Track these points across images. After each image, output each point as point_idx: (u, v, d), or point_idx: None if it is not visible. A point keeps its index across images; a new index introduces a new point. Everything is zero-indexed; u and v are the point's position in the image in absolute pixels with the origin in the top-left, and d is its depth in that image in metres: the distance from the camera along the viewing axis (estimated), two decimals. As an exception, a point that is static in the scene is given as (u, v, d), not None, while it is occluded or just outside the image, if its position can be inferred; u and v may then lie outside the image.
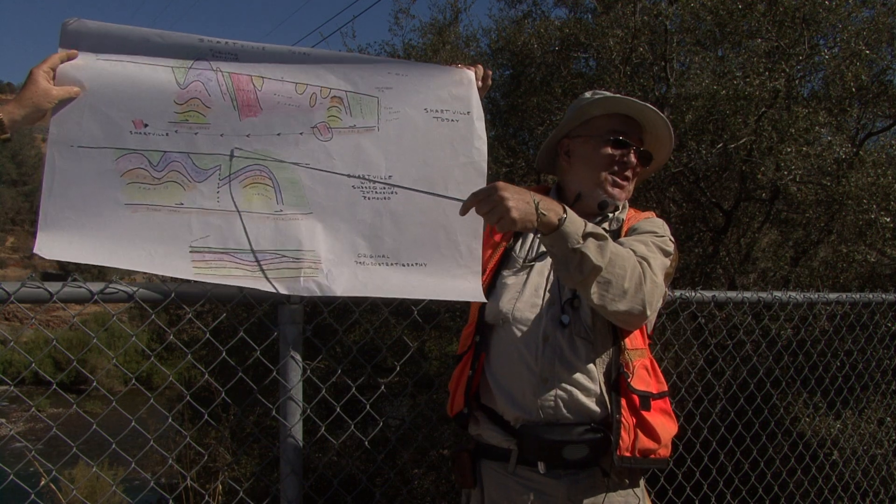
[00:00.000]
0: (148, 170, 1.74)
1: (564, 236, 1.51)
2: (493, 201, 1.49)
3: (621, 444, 1.66)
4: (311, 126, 1.88)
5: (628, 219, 1.88)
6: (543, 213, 1.49)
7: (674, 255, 1.81)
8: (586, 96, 1.94)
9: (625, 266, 1.58)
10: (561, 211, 1.52)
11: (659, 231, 1.80)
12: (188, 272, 1.75)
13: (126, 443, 1.99)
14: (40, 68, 1.62)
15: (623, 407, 1.68)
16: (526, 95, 6.44)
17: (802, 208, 5.82)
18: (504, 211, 1.47)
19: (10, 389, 2.10)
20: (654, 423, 1.70)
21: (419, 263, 1.97)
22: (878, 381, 3.65)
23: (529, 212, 1.48)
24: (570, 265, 1.53)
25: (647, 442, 1.69)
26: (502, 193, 1.48)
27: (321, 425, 2.10)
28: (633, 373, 1.71)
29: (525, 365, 1.73)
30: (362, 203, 1.92)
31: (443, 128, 1.98)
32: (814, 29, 5.67)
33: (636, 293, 1.59)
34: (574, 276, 1.55)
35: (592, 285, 1.55)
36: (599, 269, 1.53)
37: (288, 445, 1.96)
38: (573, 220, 1.53)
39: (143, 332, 4.61)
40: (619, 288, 1.57)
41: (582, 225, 1.54)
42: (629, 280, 1.58)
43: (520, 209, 1.48)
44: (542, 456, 1.71)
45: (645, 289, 1.60)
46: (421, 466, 6.51)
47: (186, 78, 1.76)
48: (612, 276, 1.56)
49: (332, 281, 1.85)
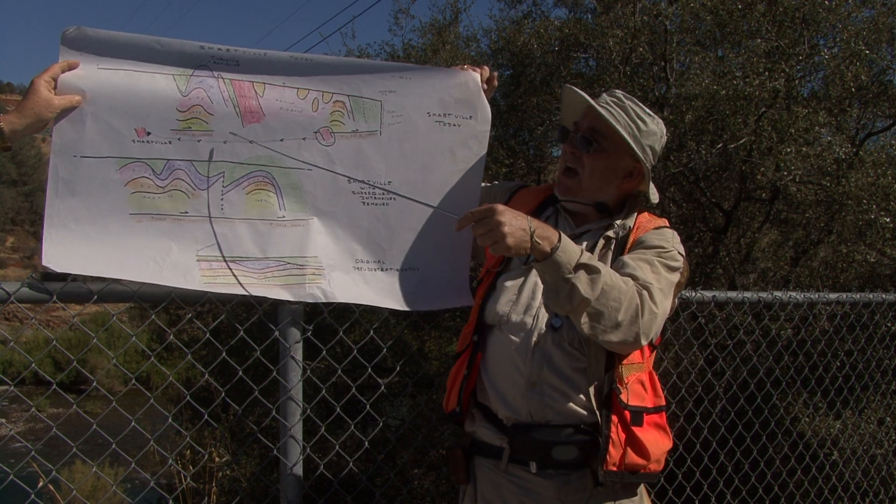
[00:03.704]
0: (152, 178, 1.73)
1: (556, 265, 1.51)
2: (489, 225, 1.49)
3: (608, 459, 1.65)
4: (314, 131, 1.88)
5: (637, 227, 1.81)
6: (538, 242, 1.50)
7: (684, 267, 1.76)
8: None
9: (620, 298, 1.54)
10: (555, 240, 1.52)
11: (666, 246, 1.74)
12: (197, 283, 1.75)
13: (126, 443, 1.99)
14: (41, 78, 1.61)
15: (613, 423, 1.66)
16: (526, 96, 6.43)
17: (802, 208, 5.82)
18: (500, 236, 1.48)
19: (10, 389, 2.10)
20: (644, 440, 1.68)
21: (413, 268, 1.98)
22: (878, 381, 3.66)
23: (524, 239, 1.49)
24: (559, 294, 1.53)
25: (636, 458, 1.67)
26: (499, 218, 1.48)
27: (321, 425, 2.11)
28: (627, 388, 1.68)
29: (515, 367, 1.73)
30: (361, 209, 1.93)
31: (445, 133, 1.98)
32: (813, 29, 5.67)
33: (630, 325, 1.56)
34: (563, 305, 1.54)
35: (583, 315, 1.54)
36: (588, 302, 1.52)
37: (288, 445, 1.96)
38: (566, 249, 1.52)
39: (143, 332, 4.61)
40: (611, 320, 1.54)
41: (576, 255, 1.53)
42: (624, 312, 1.55)
43: (515, 236, 1.48)
44: (532, 455, 1.71)
45: (641, 321, 1.57)
46: (421, 466, 6.51)
47: (188, 85, 1.75)
48: (605, 308, 1.53)
49: (335, 287, 1.87)
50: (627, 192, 1.87)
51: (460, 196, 2.00)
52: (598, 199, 1.83)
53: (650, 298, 1.60)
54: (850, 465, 3.73)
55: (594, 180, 1.80)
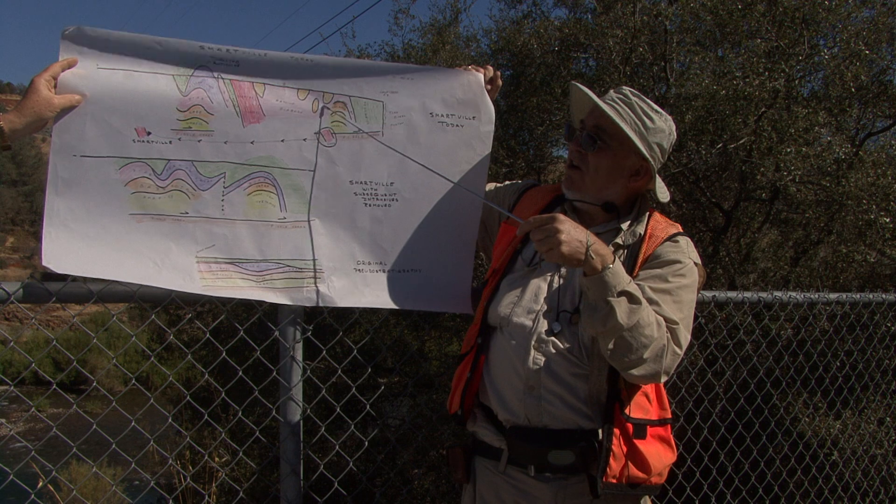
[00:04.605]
0: (152, 178, 1.73)
1: (603, 285, 1.52)
2: (548, 231, 1.51)
3: (608, 472, 1.63)
4: (315, 132, 1.87)
5: (650, 235, 1.76)
6: (592, 256, 1.51)
7: (700, 272, 1.76)
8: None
9: (651, 336, 1.55)
10: (609, 260, 1.53)
11: (682, 259, 1.71)
12: (196, 286, 1.75)
13: (126, 443, 1.99)
14: (41, 77, 1.61)
15: (615, 435, 1.65)
16: (526, 96, 6.44)
17: (802, 208, 5.83)
18: (555, 244, 1.49)
19: (10, 389, 2.11)
20: (647, 453, 1.66)
21: (414, 269, 1.98)
22: (878, 381, 3.66)
23: (579, 250, 1.50)
24: (597, 314, 1.54)
25: (637, 472, 1.66)
26: (558, 226, 1.50)
27: (321, 425, 2.11)
28: (630, 400, 1.67)
29: (514, 370, 1.72)
30: (363, 210, 1.93)
31: (447, 133, 1.98)
32: (813, 29, 5.67)
33: (653, 363, 1.57)
34: (597, 325, 1.55)
35: (611, 341, 1.54)
36: (622, 329, 1.52)
37: (288, 445, 1.96)
38: (617, 273, 1.53)
39: (143, 332, 4.61)
40: (637, 354, 1.55)
41: (625, 282, 1.54)
42: (650, 351, 1.55)
43: (571, 246, 1.50)
44: (529, 459, 1.71)
45: (664, 361, 1.58)
46: (421, 466, 6.51)
47: (188, 85, 1.75)
48: (634, 342, 1.54)
49: (333, 290, 1.87)
50: (635, 191, 1.83)
51: (464, 196, 2.00)
52: (605, 198, 1.80)
53: (674, 339, 1.60)
54: (850, 465, 3.73)
55: (599, 179, 1.78)
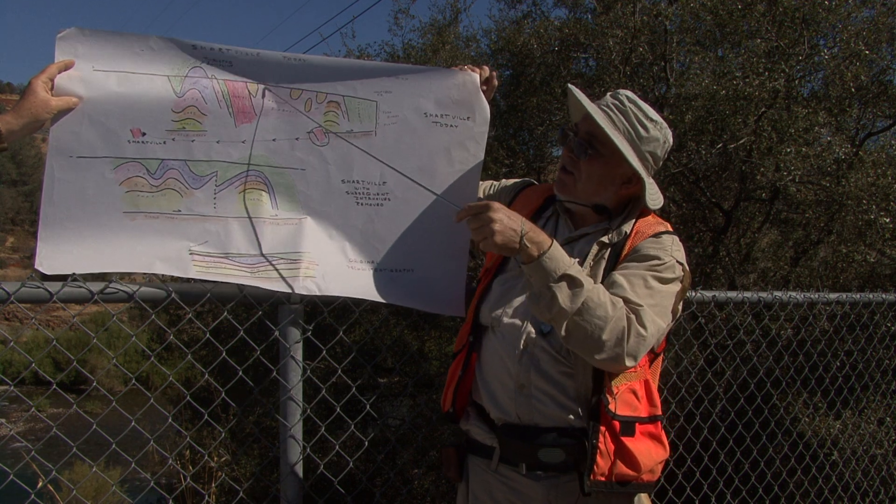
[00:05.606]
0: (146, 178, 1.75)
1: (541, 271, 1.52)
2: (482, 220, 1.52)
3: (596, 469, 1.62)
4: (307, 131, 1.88)
5: (635, 232, 1.74)
6: (526, 245, 1.52)
7: (685, 275, 1.71)
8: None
9: (605, 317, 1.53)
10: (546, 246, 1.53)
11: (662, 256, 1.66)
12: (190, 272, 1.76)
13: (126, 443, 1.99)
14: (39, 78, 1.62)
15: (601, 433, 1.63)
16: (525, 96, 6.44)
17: (802, 208, 5.83)
18: (489, 233, 1.51)
19: (10, 389, 2.11)
20: (635, 451, 1.65)
21: (407, 269, 1.98)
22: (878, 381, 3.66)
23: (513, 239, 1.52)
24: (540, 301, 1.54)
25: (626, 469, 1.64)
26: (492, 215, 1.51)
27: (321, 425, 2.11)
28: (616, 397, 1.65)
29: (505, 369, 1.73)
30: (355, 209, 1.93)
31: (441, 133, 1.97)
32: (813, 29, 5.67)
33: (615, 346, 1.54)
34: (543, 312, 1.55)
35: (563, 327, 1.54)
36: (567, 314, 1.51)
37: (288, 445, 1.96)
38: (555, 257, 1.53)
39: (143, 332, 4.61)
40: (594, 338, 1.53)
41: (564, 266, 1.53)
42: (608, 332, 1.53)
43: (504, 235, 1.51)
44: (520, 457, 1.71)
45: (626, 344, 1.54)
46: (421, 466, 6.52)
47: (183, 86, 1.76)
48: (587, 325, 1.52)
49: (328, 280, 1.87)
50: (628, 197, 1.81)
51: (458, 197, 2.00)
52: (597, 202, 1.79)
53: (638, 321, 1.56)
54: (850, 465, 3.73)
55: (591, 185, 1.77)
